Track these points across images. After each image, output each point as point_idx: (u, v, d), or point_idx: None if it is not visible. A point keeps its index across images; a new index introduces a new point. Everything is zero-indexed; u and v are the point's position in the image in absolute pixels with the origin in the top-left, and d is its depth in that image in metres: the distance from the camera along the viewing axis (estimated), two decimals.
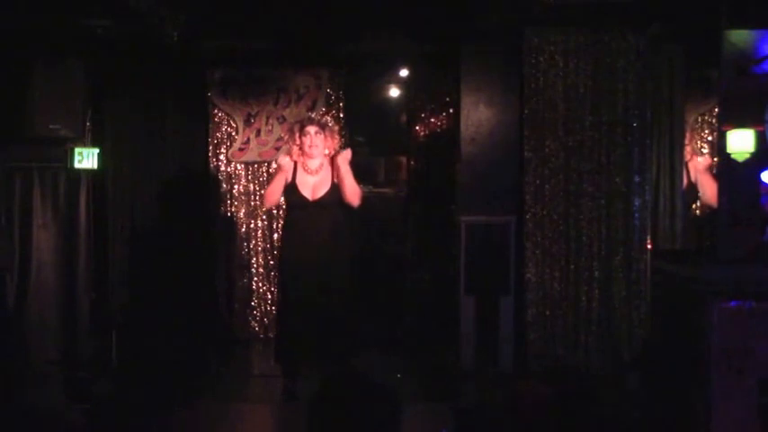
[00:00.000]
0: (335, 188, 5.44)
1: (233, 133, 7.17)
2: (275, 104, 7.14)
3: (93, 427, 4.96)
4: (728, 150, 4.55)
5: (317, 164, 5.45)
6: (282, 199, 5.63)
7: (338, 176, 5.41)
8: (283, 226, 5.80)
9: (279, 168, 5.56)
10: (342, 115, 7.12)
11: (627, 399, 5.19)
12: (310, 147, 5.42)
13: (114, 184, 6.64)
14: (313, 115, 5.68)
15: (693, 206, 6.36)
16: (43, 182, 6.02)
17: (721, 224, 4.55)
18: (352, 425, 2.03)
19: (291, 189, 5.47)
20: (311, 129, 5.45)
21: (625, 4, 5.43)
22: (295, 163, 5.49)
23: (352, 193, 5.41)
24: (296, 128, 5.56)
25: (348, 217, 5.61)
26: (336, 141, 5.59)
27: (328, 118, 5.75)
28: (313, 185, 5.44)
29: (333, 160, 5.47)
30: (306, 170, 5.46)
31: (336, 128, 5.58)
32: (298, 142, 5.49)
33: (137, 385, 5.52)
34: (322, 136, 5.44)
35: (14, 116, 5.85)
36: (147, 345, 6.15)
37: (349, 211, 5.60)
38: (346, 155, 5.44)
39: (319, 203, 5.41)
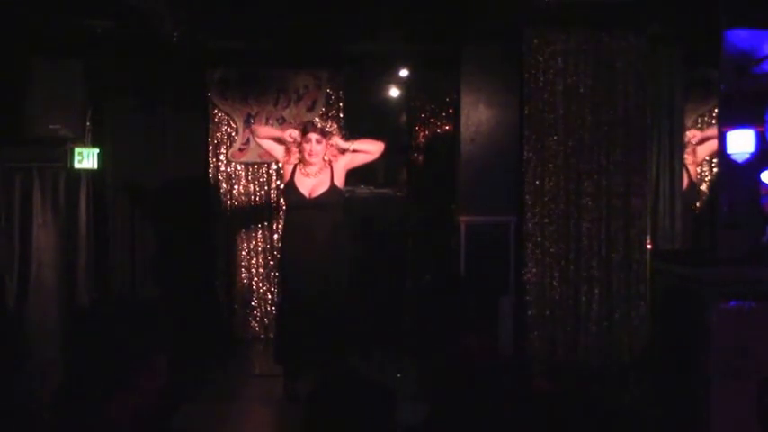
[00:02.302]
0: (335, 189, 5.45)
1: (233, 133, 7.17)
2: (275, 105, 7.14)
3: (93, 426, 4.95)
4: (728, 150, 4.55)
5: (315, 169, 5.46)
6: (282, 200, 5.65)
7: (358, 156, 5.50)
8: (283, 226, 5.81)
9: (284, 131, 5.63)
10: (341, 115, 7.12)
11: (627, 399, 5.19)
12: (310, 154, 5.42)
13: (114, 184, 6.64)
14: (317, 120, 5.67)
15: (693, 207, 6.36)
16: (43, 182, 6.01)
17: (721, 224, 4.55)
18: (347, 423, 2.03)
19: (290, 188, 5.48)
20: (313, 136, 5.44)
21: (625, 4, 5.43)
22: (294, 165, 5.50)
23: (375, 149, 5.54)
24: (298, 130, 5.57)
25: (346, 218, 5.61)
26: (336, 148, 5.56)
27: (334, 125, 5.74)
28: (311, 186, 5.45)
29: (332, 163, 5.48)
30: (303, 173, 5.47)
31: (337, 137, 5.56)
32: (296, 148, 5.48)
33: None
34: (323, 144, 5.44)
35: (14, 116, 5.85)
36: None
37: (347, 213, 5.61)
38: (340, 144, 5.46)
39: (317, 203, 5.41)
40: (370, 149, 5.55)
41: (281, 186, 6.18)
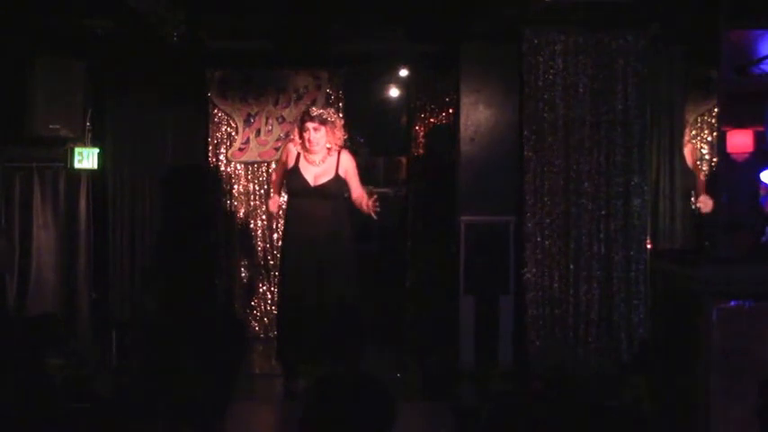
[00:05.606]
0: (339, 179, 5.45)
1: (233, 133, 7.17)
2: (275, 104, 7.13)
3: (94, 427, 4.96)
4: (728, 150, 4.55)
5: (319, 157, 5.48)
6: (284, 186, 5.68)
7: (353, 183, 5.53)
8: (285, 214, 5.80)
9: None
10: (341, 115, 7.11)
11: (627, 399, 5.19)
12: (310, 142, 5.44)
13: (114, 184, 6.65)
14: (314, 110, 5.66)
15: (691, 205, 6.36)
16: (43, 182, 6.03)
17: (720, 224, 4.56)
18: (344, 421, 2.04)
19: (294, 174, 5.48)
20: (310, 125, 5.46)
21: (625, 4, 5.43)
22: (298, 152, 5.54)
23: (359, 197, 5.53)
24: (296, 124, 5.60)
25: (350, 209, 5.61)
26: (340, 135, 5.58)
27: (331, 111, 5.73)
28: (315, 173, 5.46)
29: (339, 155, 5.50)
30: (308, 161, 5.48)
31: (339, 121, 5.58)
32: (298, 139, 5.52)
33: (136, 385, 5.52)
34: (322, 131, 5.45)
35: (14, 116, 5.86)
36: (147, 344, 6.15)
37: (350, 204, 5.62)
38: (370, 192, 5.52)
39: (321, 191, 5.42)
40: (358, 198, 5.54)
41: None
